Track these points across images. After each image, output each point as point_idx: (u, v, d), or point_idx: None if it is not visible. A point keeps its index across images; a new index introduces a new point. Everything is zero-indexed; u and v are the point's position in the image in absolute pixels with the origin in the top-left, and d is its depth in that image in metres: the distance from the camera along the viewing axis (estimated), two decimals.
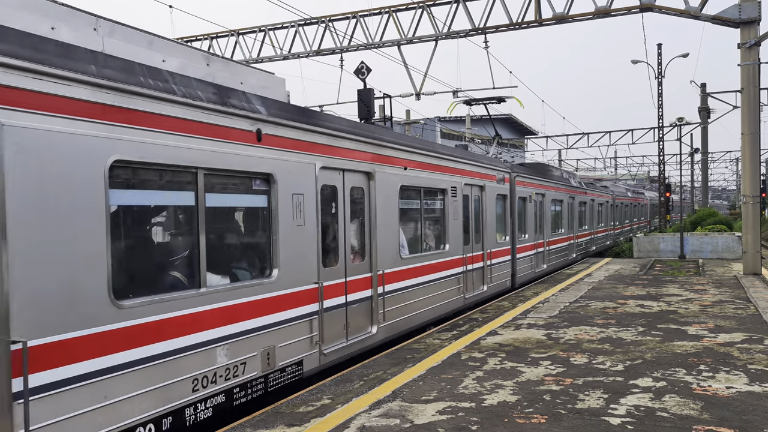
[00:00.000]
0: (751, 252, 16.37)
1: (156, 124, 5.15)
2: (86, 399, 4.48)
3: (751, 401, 5.79)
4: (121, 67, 4.99)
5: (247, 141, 6.20)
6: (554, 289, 14.30)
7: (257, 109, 6.41)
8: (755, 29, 15.89)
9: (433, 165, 10.70)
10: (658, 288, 14.16)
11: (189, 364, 5.39)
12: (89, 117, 4.60)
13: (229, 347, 5.85)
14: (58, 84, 4.36)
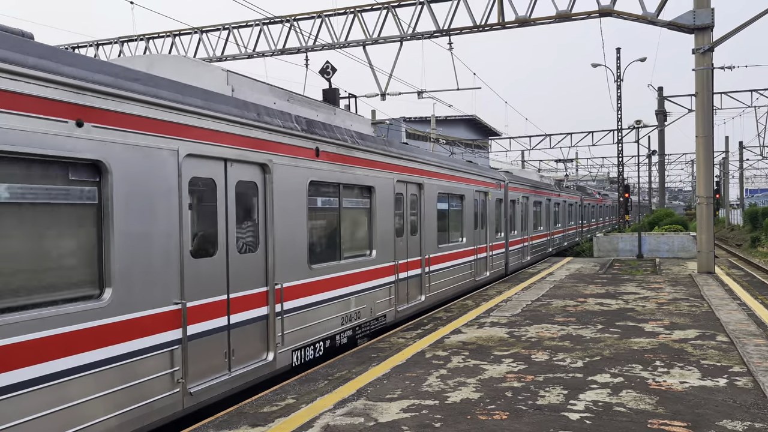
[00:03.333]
0: (705, 251, 16.84)
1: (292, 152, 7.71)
2: (306, 317, 7.84)
3: (703, 395, 5.98)
4: (287, 118, 7.73)
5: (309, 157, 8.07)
6: (517, 288, 14.50)
7: (317, 133, 8.28)
8: (709, 35, 16.34)
9: (458, 177, 13.98)
10: (617, 286, 14.47)
11: (344, 306, 8.77)
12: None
13: (355, 299, 9.05)
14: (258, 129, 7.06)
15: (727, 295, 12.63)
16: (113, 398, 5.00)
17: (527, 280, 16.04)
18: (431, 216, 12.26)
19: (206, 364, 6.10)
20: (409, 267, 11.24)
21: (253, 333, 6.86)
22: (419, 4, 19.99)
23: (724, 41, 16.34)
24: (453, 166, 13.77)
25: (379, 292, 9.94)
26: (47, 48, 4.73)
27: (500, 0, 18.78)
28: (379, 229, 9.99)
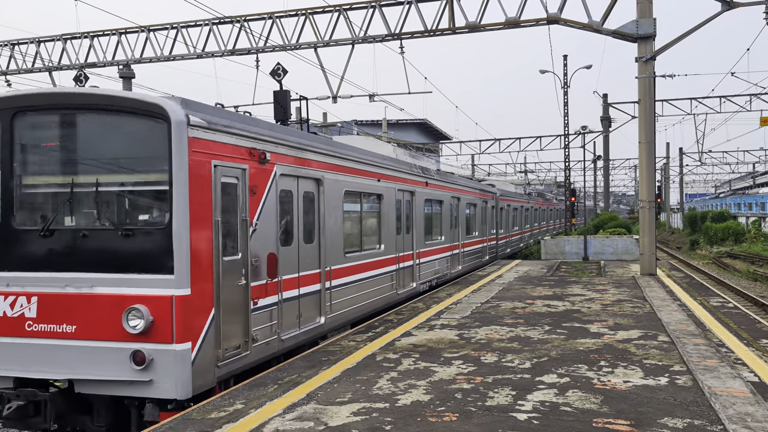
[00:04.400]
0: (647, 254, 17.35)
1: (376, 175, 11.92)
2: (342, 293, 10.18)
3: (645, 394, 6.15)
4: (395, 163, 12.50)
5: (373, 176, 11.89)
6: (467, 291, 14.64)
7: (419, 172, 14.75)
8: (651, 44, 16.87)
9: (475, 192, 20.97)
10: (564, 288, 14.77)
11: (364, 286, 11.28)
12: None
13: (371, 281, 11.59)
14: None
15: (668, 297, 13.04)
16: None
17: (477, 283, 16.23)
18: (420, 218, 14.81)
19: (288, 321, 8.36)
20: (402, 260, 13.43)
21: (312, 302, 9.12)
22: (371, 7, 20.04)
23: (665, 50, 16.89)
24: (472, 186, 21.06)
25: (386, 277, 12.41)
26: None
27: (451, 6, 18.97)
28: (386, 227, 12.57)
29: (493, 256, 24.21)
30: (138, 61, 22.53)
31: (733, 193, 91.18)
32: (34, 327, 6.44)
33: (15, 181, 6.73)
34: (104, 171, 6.52)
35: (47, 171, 6.73)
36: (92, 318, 6.28)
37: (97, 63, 22.69)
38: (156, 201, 6.48)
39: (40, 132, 6.72)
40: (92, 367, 6.27)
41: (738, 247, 40.07)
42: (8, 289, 6.55)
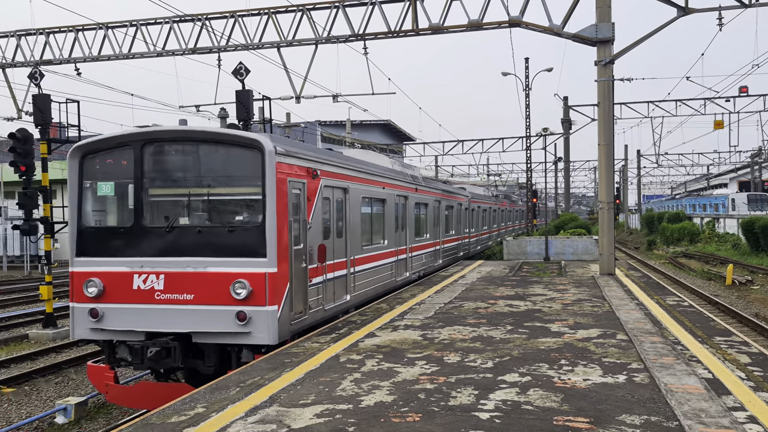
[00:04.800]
0: (606, 254, 17.68)
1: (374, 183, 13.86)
2: (361, 278, 12.56)
3: (604, 392, 6.26)
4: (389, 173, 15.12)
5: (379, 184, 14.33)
6: (430, 291, 14.71)
7: (411, 179, 17.04)
8: (610, 48, 17.21)
9: (452, 196, 23.61)
10: (525, 288, 14.95)
11: (375, 272, 13.70)
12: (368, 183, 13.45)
13: (380, 269, 14.09)
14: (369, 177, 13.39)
15: (626, 296, 13.31)
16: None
17: (440, 283, 16.32)
18: (411, 219, 17.23)
19: (328, 296, 10.75)
20: (399, 253, 15.95)
21: (342, 283, 11.56)
22: (334, 7, 20.00)
23: (623, 54, 17.25)
24: (451, 191, 23.80)
25: (388, 266, 14.86)
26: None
27: (414, 7, 19.06)
28: (388, 226, 14.92)
29: (466, 252, 26.92)
30: (96, 58, 22.07)
31: (688, 194, 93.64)
32: (161, 296, 8.83)
33: (144, 193, 9.15)
34: (213, 185, 9.05)
35: (169, 185, 9.23)
36: (207, 288, 8.71)
37: (53, 60, 22.15)
38: (252, 206, 8.96)
39: (164, 157, 9.19)
40: (206, 323, 8.69)
41: (693, 247, 41.14)
42: (142, 269, 8.92)
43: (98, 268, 9.14)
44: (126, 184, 9.38)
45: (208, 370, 8.96)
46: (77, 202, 9.42)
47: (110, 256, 9.16)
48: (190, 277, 8.77)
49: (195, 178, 9.16)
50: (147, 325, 8.90)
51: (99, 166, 9.44)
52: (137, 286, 8.92)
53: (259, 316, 8.60)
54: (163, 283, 8.84)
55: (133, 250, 9.09)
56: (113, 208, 9.60)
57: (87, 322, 9.15)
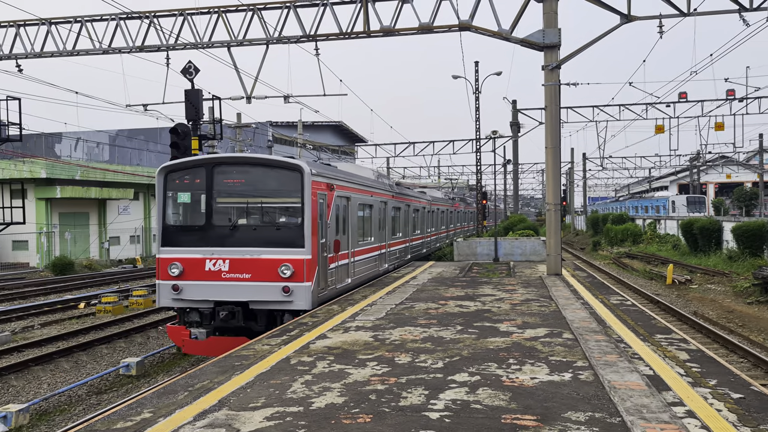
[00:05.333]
0: (553, 255, 18.04)
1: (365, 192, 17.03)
2: (358, 265, 15.90)
3: (551, 390, 6.39)
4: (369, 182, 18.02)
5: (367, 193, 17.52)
6: (382, 292, 14.74)
7: (389, 187, 20.67)
8: (557, 53, 17.57)
9: (418, 200, 26.72)
10: (475, 289, 15.13)
11: (367, 262, 16.98)
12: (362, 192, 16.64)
13: (370, 259, 17.31)
14: (357, 186, 16.29)
15: (573, 295, 13.60)
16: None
17: (392, 284, 16.36)
18: (389, 220, 20.27)
19: (338, 278, 14.11)
20: (381, 248, 19.06)
21: (345, 269, 14.65)
22: (285, 7, 19.86)
23: (569, 59, 17.65)
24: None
25: (374, 258, 17.95)
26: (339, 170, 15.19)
27: (366, 9, 19.09)
28: (374, 226, 17.99)
29: (429, 249, 29.90)
30: (38, 55, 21.37)
31: (631, 196, 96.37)
32: (226, 275, 12.07)
33: (213, 201, 12.41)
34: (265, 196, 12.49)
35: (232, 195, 12.60)
36: (261, 270, 12.02)
37: None
38: (294, 212, 12.37)
39: (228, 175, 12.43)
40: (260, 294, 12.02)
41: (636, 248, 42.36)
42: (212, 256, 12.18)
43: (179, 255, 12.40)
44: (199, 194, 12.65)
45: (260, 328, 12.14)
46: (162, 207, 12.70)
47: (188, 247, 12.42)
48: (248, 262, 12.09)
49: (251, 191, 12.52)
50: (216, 296, 12.21)
51: (179, 181, 12.70)
52: (208, 268, 12.21)
53: (299, 290, 12.01)
54: (228, 266, 12.14)
55: (206, 242, 12.38)
56: (190, 212, 12.82)
57: (170, 294, 12.37)
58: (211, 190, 12.49)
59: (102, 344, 15.97)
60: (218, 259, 12.22)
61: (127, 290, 25.12)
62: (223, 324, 12.31)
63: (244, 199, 12.65)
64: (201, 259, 12.29)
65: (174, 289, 12.35)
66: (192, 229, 12.60)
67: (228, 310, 12.13)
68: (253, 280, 12.12)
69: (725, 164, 72.18)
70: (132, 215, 43.86)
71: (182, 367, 13.88)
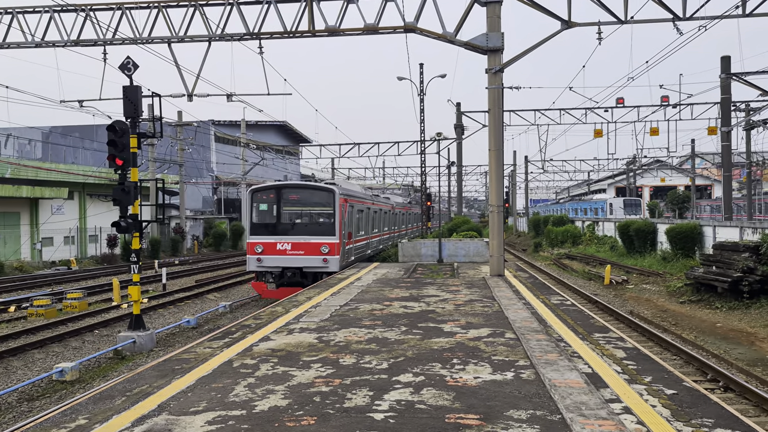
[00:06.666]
0: (496, 256, 18.36)
1: (362, 202, 26.37)
2: (358, 248, 24.98)
3: (494, 389, 6.50)
4: (363, 195, 27.75)
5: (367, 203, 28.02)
6: (326, 293, 14.70)
7: (371, 196, 30.22)
8: (500, 57, 17.90)
9: (386, 205, 34.84)
10: (420, 290, 15.24)
11: (364, 245, 26.67)
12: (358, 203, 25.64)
13: (375, 242, 29.85)
14: (358, 200, 25.46)
15: (515, 296, 13.87)
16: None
17: (336, 285, 16.34)
18: (371, 219, 28.41)
19: (349, 255, 22.36)
20: (368, 239, 27.26)
21: (350, 250, 22.61)
22: (228, 4, 19.57)
23: (512, 63, 18.00)
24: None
25: (366, 244, 26.02)
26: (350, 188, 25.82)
27: (311, 8, 19.00)
28: (363, 224, 25.86)
29: (392, 242, 35.59)
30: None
31: (571, 198, 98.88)
32: (289, 252, 20.09)
33: (281, 209, 20.69)
34: (312, 206, 21.00)
35: (292, 206, 20.89)
36: (310, 249, 20.10)
37: None
38: (329, 215, 20.64)
39: (290, 195, 20.87)
40: (309, 263, 20.09)
41: (575, 249, 43.46)
42: (280, 240, 20.13)
43: (261, 240, 20.28)
44: (272, 205, 20.73)
45: (309, 283, 19.66)
46: (250, 212, 20.81)
47: (266, 236, 20.35)
48: (302, 244, 20.15)
49: (303, 203, 21.01)
50: (283, 264, 20.17)
51: (260, 196, 20.85)
52: (278, 248, 20.13)
53: (332, 260, 20.11)
54: (290, 246, 20.12)
55: (276, 232, 20.44)
56: (267, 215, 20.80)
57: (255, 263, 20.23)
58: (279, 203, 20.68)
59: (34, 349, 15.28)
60: (285, 242, 20.13)
61: (60, 293, 24.17)
62: (288, 280, 20.10)
63: (300, 208, 21.03)
64: (274, 242, 20.13)
65: (258, 260, 20.14)
66: (268, 225, 20.57)
67: (291, 271, 20.10)
68: (306, 255, 20.13)
69: (660, 168, 74.90)
70: (66, 215, 42.42)
71: (120, 372, 13.48)
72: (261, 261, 20.10)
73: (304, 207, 20.95)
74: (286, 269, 20.14)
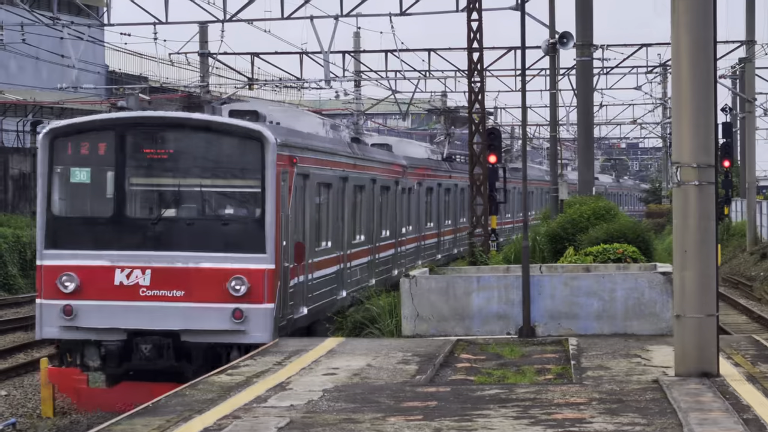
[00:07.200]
0: (695, 316, 17.79)
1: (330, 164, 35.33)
2: (327, 274, 33.45)
3: None
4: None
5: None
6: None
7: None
8: None
9: (438, 174, 56.84)
10: (466, 420, 14.76)
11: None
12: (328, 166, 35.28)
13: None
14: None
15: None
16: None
17: (219, 406, 15.90)
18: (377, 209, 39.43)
19: (303, 301, 29.21)
20: (350, 258, 35.29)
21: (300, 291, 27.50)
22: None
23: None
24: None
25: (342, 270, 33.97)
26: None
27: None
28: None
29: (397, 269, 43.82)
30: None
31: None
32: (146, 293, 22.90)
33: (127, 181, 24.09)
34: (209, 177, 24.75)
35: (154, 174, 24.51)
36: (199, 284, 23.01)
37: None
38: (248, 198, 24.41)
39: (149, 143, 24.02)
40: (198, 322, 22.93)
41: None
42: (126, 264, 22.95)
43: (74, 262, 22.54)
44: (105, 171, 23.66)
45: (192, 374, 20.76)
46: (47, 189, 22.66)
47: (88, 249, 23.03)
48: (182, 272, 22.48)
49: (183, 168, 23.71)
50: (131, 323, 22.14)
51: (73, 150, 23.03)
52: (119, 282, 22.29)
53: (255, 314, 22.54)
54: (150, 279, 22.27)
55: (115, 243, 22.90)
56: (91, 197, 24.13)
57: (58, 319, 22.10)
58: (124, 164, 21.16)
59: None
60: (135, 267, 21.07)
61: None
62: (144, 364, 20.97)
63: (174, 179, 21.91)
64: (108, 267, 21.09)
65: (66, 312, 20.77)
66: (94, 223, 21.74)
67: (153, 342, 20.84)
68: (188, 300, 21.19)
69: None
70: None
71: None
72: (73, 316, 21.63)
73: (186, 178, 23.06)
74: (136, 336, 21.91)
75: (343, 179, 30.02)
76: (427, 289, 25.97)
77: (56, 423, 23.85)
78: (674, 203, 18.33)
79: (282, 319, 21.32)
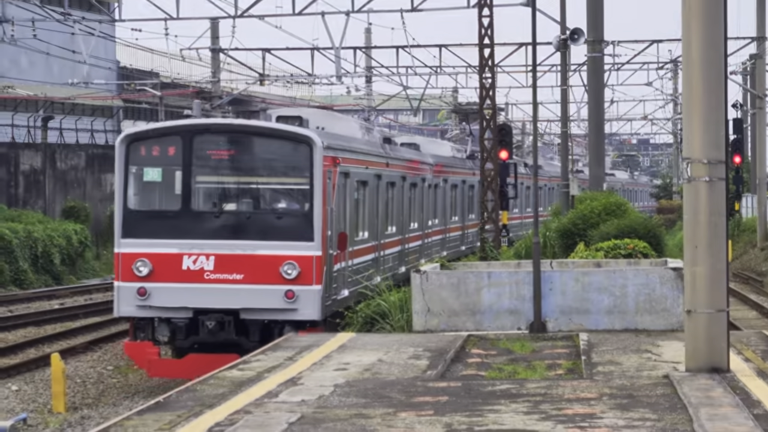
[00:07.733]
0: (705, 311, 17.77)
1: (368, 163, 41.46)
2: (363, 261, 38.94)
3: None
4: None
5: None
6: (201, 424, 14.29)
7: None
8: None
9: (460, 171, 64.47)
10: (477, 416, 14.76)
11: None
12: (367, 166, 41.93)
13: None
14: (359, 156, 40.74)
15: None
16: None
17: (230, 400, 15.90)
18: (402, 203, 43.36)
19: (345, 285, 34.86)
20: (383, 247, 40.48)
21: (342, 276, 32.97)
22: None
23: None
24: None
25: (377, 258, 39.02)
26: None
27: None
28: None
29: (416, 258, 45.61)
30: None
31: None
32: (210, 276, 28.21)
33: (194, 181, 29.19)
34: (264, 175, 29.99)
35: (217, 174, 30.08)
36: (256, 269, 28.14)
37: None
38: (298, 194, 29.09)
39: (215, 149, 29.36)
40: (255, 301, 28.30)
41: None
42: (192, 251, 28.27)
43: (147, 249, 27.33)
44: (174, 170, 28.11)
45: (252, 346, 25.36)
46: (123, 187, 27.34)
47: (160, 238, 27.81)
48: (241, 259, 27.37)
49: (242, 167, 28.54)
50: (197, 303, 26.80)
51: (146, 152, 27.19)
52: (187, 267, 27.35)
53: (305, 295, 27.48)
54: (213, 264, 27.29)
55: (183, 233, 27.74)
56: (160, 193, 28.82)
57: (134, 299, 26.85)
58: (190, 164, 24.70)
59: None
60: (200, 254, 24.92)
61: None
62: (208, 338, 24.58)
63: (234, 177, 25.79)
64: (177, 254, 24.92)
65: (140, 293, 24.29)
66: (164, 216, 25.64)
67: (216, 320, 24.30)
68: (247, 282, 25.10)
69: None
70: None
71: None
72: (146, 296, 24.58)
73: (244, 177, 26.47)
74: (202, 314, 24.57)
75: (377, 177, 33.34)
76: (438, 284, 25.97)
77: (67, 418, 25.10)
78: (685, 199, 18.32)
79: (327, 299, 24.61)
